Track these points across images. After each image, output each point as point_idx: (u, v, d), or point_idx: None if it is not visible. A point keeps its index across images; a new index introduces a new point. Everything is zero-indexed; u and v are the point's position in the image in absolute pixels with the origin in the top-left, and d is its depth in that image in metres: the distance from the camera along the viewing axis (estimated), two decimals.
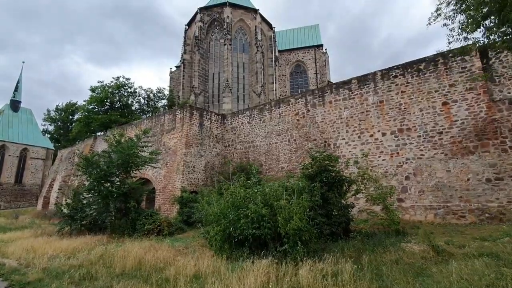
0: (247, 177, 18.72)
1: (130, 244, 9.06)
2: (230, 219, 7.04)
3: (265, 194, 7.38)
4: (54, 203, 28.16)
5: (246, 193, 7.59)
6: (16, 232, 14.39)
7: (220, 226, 7.31)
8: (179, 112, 19.87)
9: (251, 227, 6.72)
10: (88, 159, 12.49)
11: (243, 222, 6.78)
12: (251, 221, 6.78)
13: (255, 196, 7.45)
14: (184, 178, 17.92)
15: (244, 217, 7.01)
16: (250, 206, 7.09)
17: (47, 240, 10.06)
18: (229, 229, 7.03)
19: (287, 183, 8.64)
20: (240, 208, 7.42)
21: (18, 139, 49.58)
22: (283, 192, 7.60)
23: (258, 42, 30.68)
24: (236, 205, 7.57)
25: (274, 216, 6.97)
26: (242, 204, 7.54)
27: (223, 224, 7.15)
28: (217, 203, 8.02)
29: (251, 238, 6.67)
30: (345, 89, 16.41)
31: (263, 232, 6.67)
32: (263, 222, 6.82)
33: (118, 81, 30.40)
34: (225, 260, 6.66)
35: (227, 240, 7.20)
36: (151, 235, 11.84)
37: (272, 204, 7.15)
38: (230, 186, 9.20)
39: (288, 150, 18.12)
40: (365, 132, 15.32)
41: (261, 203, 7.00)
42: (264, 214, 6.81)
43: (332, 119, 16.62)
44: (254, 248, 6.88)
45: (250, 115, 20.61)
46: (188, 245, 9.11)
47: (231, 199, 7.64)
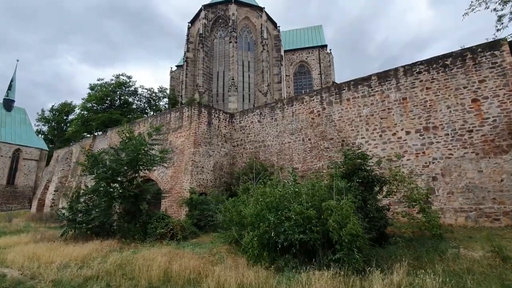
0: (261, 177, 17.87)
1: (147, 251, 8.06)
2: (270, 222, 6.11)
3: (310, 193, 6.47)
4: (50, 206, 26.84)
5: (284, 192, 6.67)
6: (12, 237, 13.21)
7: (257, 230, 6.37)
8: (186, 109, 18.90)
9: (297, 231, 5.81)
10: (95, 157, 11.43)
11: (287, 226, 5.86)
12: (296, 224, 5.86)
13: (295, 196, 6.54)
14: (192, 179, 16.92)
15: (287, 219, 6.09)
16: (293, 206, 6.18)
17: (50, 246, 8.97)
18: (270, 233, 6.10)
19: (318, 182, 7.71)
20: (279, 210, 6.50)
21: (10, 139, 47.81)
22: (328, 192, 6.70)
23: (264, 40, 29.92)
24: (273, 206, 6.65)
25: (319, 219, 6.07)
26: (280, 205, 6.63)
27: (262, 228, 6.22)
28: (253, 205, 7.08)
29: (298, 244, 5.75)
30: (364, 86, 15.66)
31: (312, 237, 5.77)
32: (309, 225, 5.91)
33: (119, 79, 29.27)
34: (268, 270, 5.73)
35: (266, 246, 6.26)
36: (164, 239, 10.84)
37: (317, 205, 6.25)
38: (260, 186, 8.25)
39: (302, 150, 17.26)
40: (387, 131, 14.56)
41: (307, 203, 6.09)
42: (311, 216, 5.90)
43: (350, 117, 15.83)
44: (299, 256, 5.96)
45: (261, 114, 19.74)
46: (212, 251, 8.13)
47: (267, 199, 6.72)
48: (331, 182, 8.13)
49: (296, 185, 7.02)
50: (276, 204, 6.70)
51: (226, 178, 19.51)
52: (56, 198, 26.90)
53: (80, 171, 25.21)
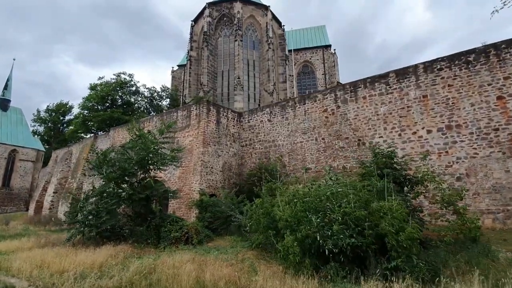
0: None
1: (167, 257, 7.37)
2: (314, 225, 5.47)
3: (353, 194, 5.85)
4: (49, 208, 25.93)
5: (324, 192, 6.05)
6: (12, 241, 12.40)
7: (298, 233, 5.73)
8: (194, 108, 18.23)
9: (347, 235, 5.18)
10: (105, 155, 10.70)
11: (335, 229, 5.23)
12: (346, 227, 5.23)
13: (337, 196, 5.91)
14: (202, 179, 16.23)
15: (333, 221, 5.46)
16: (336, 208, 5.55)
17: (59, 252, 8.23)
18: (314, 238, 5.46)
19: (362, 182, 7.10)
20: (319, 211, 5.88)
21: (6, 140, 46.60)
22: (369, 193, 6.09)
23: (269, 39, 29.38)
24: (312, 207, 6.02)
25: (365, 221, 5.46)
26: (320, 206, 6.00)
27: (304, 231, 5.58)
28: (289, 206, 6.44)
29: (349, 250, 5.12)
30: (381, 83, 15.15)
31: (364, 242, 5.14)
32: (358, 228, 5.29)
33: (120, 78, 28.48)
34: (313, 280, 5.09)
35: (308, 252, 5.62)
36: (178, 244, 10.15)
37: (362, 206, 5.63)
38: (287, 186, 7.61)
39: (316, 149, 16.67)
40: (407, 130, 14.03)
41: (355, 203, 5.46)
42: (360, 217, 5.28)
43: (366, 115, 15.29)
44: (347, 264, 5.33)
45: (271, 113, 19.13)
46: (238, 257, 7.46)
47: (305, 199, 6.08)
48: (364, 182, 7.53)
49: (337, 184, 6.39)
50: (315, 205, 6.07)
51: (235, 179, 18.85)
52: (55, 200, 25.97)
53: (80, 172, 24.37)
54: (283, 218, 6.19)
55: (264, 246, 7.68)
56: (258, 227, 7.70)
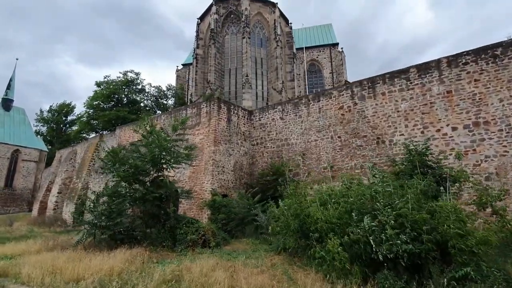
0: (277, 178, 16.55)
1: (189, 262, 6.76)
2: (366, 228, 4.85)
3: (400, 193, 5.22)
4: (53, 209, 25.36)
5: (369, 191, 5.43)
6: (18, 244, 11.81)
7: (344, 237, 5.11)
8: (204, 105, 17.64)
9: (404, 241, 4.56)
10: (117, 153, 10.12)
11: (390, 233, 4.61)
12: (402, 230, 4.61)
13: (384, 196, 5.29)
14: (214, 179, 15.63)
15: (383, 224, 4.84)
16: (386, 209, 4.92)
17: (70, 256, 7.62)
18: (364, 242, 4.84)
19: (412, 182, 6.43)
20: (364, 213, 5.26)
21: (9, 140, 46.16)
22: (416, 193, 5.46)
23: (277, 36, 28.80)
24: (355, 208, 5.40)
25: (424, 224, 4.82)
26: (364, 207, 5.38)
27: (354, 235, 4.96)
28: (331, 207, 5.82)
29: (405, 257, 4.49)
30: (402, 79, 14.52)
31: (422, 248, 4.52)
32: (414, 232, 4.66)
33: (127, 76, 27.94)
34: None
35: (356, 258, 5.00)
36: (195, 247, 9.53)
37: (415, 207, 5.00)
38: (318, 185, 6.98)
39: (331, 148, 16.04)
40: (430, 127, 13.39)
41: (414, 203, 4.83)
42: (417, 219, 4.65)
43: (386, 112, 14.66)
44: (402, 272, 4.70)
45: (283, 110, 18.52)
46: (265, 262, 6.84)
47: (350, 199, 5.47)
48: (400, 182, 6.88)
49: (383, 183, 5.75)
50: (358, 205, 5.45)
51: (246, 179, 18.25)
52: (60, 200, 25.39)
53: (85, 172, 23.81)
54: (324, 220, 5.57)
55: (294, 251, 7.05)
56: (287, 229, 7.07)
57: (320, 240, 5.65)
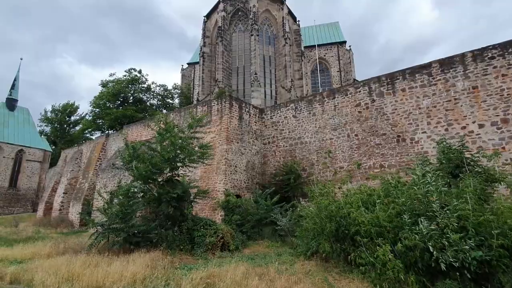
0: (291, 177, 16.00)
1: (216, 268, 6.23)
2: (424, 232, 4.30)
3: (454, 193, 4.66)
4: (59, 209, 24.95)
5: (419, 190, 4.88)
6: (26, 246, 11.35)
7: (397, 244, 4.56)
8: (215, 103, 17.14)
9: (470, 246, 4.01)
10: (135, 149, 9.59)
11: (455, 238, 4.05)
12: (464, 235, 4.06)
13: (439, 195, 4.73)
14: (227, 179, 15.11)
15: (442, 228, 4.29)
16: (444, 211, 4.37)
17: (85, 261, 7.11)
18: (423, 248, 4.29)
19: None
20: (421, 215, 4.72)
21: (13, 140, 45.87)
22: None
23: (286, 34, 28.26)
24: (406, 209, 4.86)
25: (491, 228, 4.27)
26: (419, 208, 4.83)
27: (411, 240, 4.41)
28: (382, 208, 5.27)
29: (474, 265, 3.95)
30: (423, 74, 13.95)
31: (493, 255, 3.97)
32: (479, 237, 4.11)
33: (131, 74, 27.48)
34: None
35: (412, 266, 4.45)
36: (215, 250, 9.02)
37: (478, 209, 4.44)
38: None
39: (348, 146, 15.48)
40: (455, 124, 12.81)
41: (475, 203, 4.29)
42: (484, 222, 4.10)
43: (406, 109, 14.09)
44: (468, 282, 4.15)
45: (296, 108, 17.98)
46: (295, 268, 6.30)
47: (400, 200, 4.92)
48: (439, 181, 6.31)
49: (436, 182, 5.19)
50: (410, 206, 4.91)
51: (258, 178, 17.71)
52: (66, 201, 24.98)
53: (91, 172, 23.35)
54: (370, 223, 5.03)
55: (328, 255, 6.50)
56: (321, 232, 6.52)
57: (361, 244, 5.13)
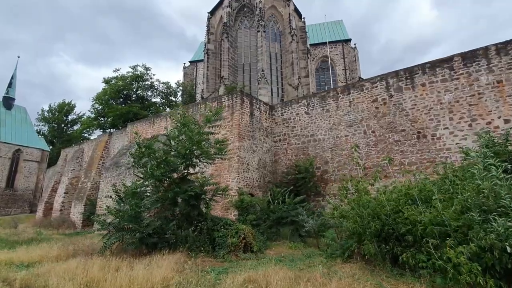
0: (305, 176, 15.42)
1: (252, 272, 5.63)
2: (501, 232, 3.76)
3: None
4: (59, 210, 24.17)
5: (487, 185, 4.33)
6: (31, 249, 10.66)
7: (471, 244, 4.01)
8: (226, 98, 16.54)
9: None
10: (149, 147, 8.96)
11: None
12: None
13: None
14: (239, 177, 14.52)
15: None
16: None
17: (103, 264, 6.47)
18: (501, 249, 3.75)
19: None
20: (491, 211, 4.17)
21: (10, 139, 44.88)
22: None
23: (292, 30, 27.75)
24: (472, 205, 4.31)
25: None
26: (485, 204, 4.29)
27: (486, 240, 3.86)
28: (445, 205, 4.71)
29: None
30: (444, 69, 13.47)
31: None
32: None
33: (136, 70, 26.79)
34: None
35: (488, 269, 3.90)
36: (237, 251, 8.42)
37: None
38: None
39: (364, 144, 14.96)
40: (479, 119, 12.33)
41: None
42: None
43: (427, 105, 13.60)
44: None
45: (308, 104, 17.43)
46: (340, 272, 5.72)
47: (467, 194, 4.37)
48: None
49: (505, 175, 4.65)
50: (476, 202, 4.37)
51: (269, 177, 17.13)
52: (67, 201, 24.21)
53: (94, 171, 22.63)
54: (433, 222, 4.49)
55: (370, 257, 5.94)
56: (363, 232, 5.96)
57: (411, 245, 4.61)
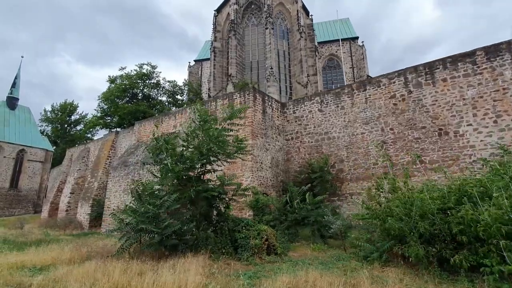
0: (320, 175, 14.96)
1: (291, 277, 5.19)
2: None
3: None
4: (65, 210, 23.81)
5: None
6: (41, 250, 10.25)
7: None
8: (238, 95, 16.11)
9: None
10: (169, 142, 8.53)
11: None
12: None
13: None
14: (253, 176, 14.08)
15: None
16: None
17: (124, 268, 6.04)
18: None
19: None
20: None
21: (14, 139, 44.62)
22: None
23: (301, 27, 27.30)
24: None
25: None
26: None
27: None
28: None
29: None
30: (467, 63, 12.98)
31: None
32: None
33: (142, 69, 26.43)
34: None
35: None
36: (261, 253, 7.97)
37: None
38: None
39: (382, 141, 14.47)
40: (504, 115, 11.85)
41: None
42: None
43: (449, 100, 13.12)
44: None
45: (322, 102, 16.98)
46: (385, 277, 5.26)
47: None
48: None
49: None
50: None
51: (282, 176, 16.69)
52: (73, 201, 23.84)
53: (101, 171, 22.24)
54: (499, 221, 4.03)
55: (415, 260, 5.48)
56: (408, 233, 5.50)
57: (465, 246, 4.17)
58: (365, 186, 14.77)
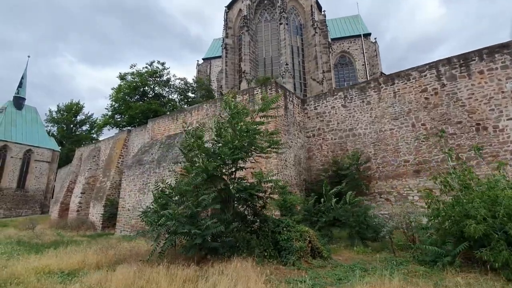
0: (349, 173, 14.24)
1: (364, 286, 4.52)
2: None
3: None
4: (76, 210, 23.30)
5: None
6: (62, 253, 9.66)
7: None
8: (259, 90, 15.48)
9: None
10: (200, 137, 7.91)
11: None
12: None
13: None
14: (279, 174, 13.42)
15: None
16: None
17: (169, 274, 5.40)
18: None
19: None
20: None
21: (21, 140, 44.27)
22: None
23: (315, 23, 26.62)
24: None
25: None
26: None
27: None
28: None
29: None
30: (504, 54, 12.27)
31: None
32: None
33: (152, 67, 25.89)
34: None
35: None
36: (306, 257, 7.32)
37: None
38: None
39: (413, 137, 13.78)
40: None
41: None
42: None
43: (486, 93, 12.40)
44: None
45: (345, 97, 16.30)
46: (470, 285, 4.58)
47: None
48: None
49: None
50: None
51: (304, 174, 16.03)
52: (84, 201, 23.31)
53: (113, 170, 21.67)
54: None
55: (497, 265, 4.80)
56: (492, 233, 4.82)
57: None
58: (395, 185, 14.10)
